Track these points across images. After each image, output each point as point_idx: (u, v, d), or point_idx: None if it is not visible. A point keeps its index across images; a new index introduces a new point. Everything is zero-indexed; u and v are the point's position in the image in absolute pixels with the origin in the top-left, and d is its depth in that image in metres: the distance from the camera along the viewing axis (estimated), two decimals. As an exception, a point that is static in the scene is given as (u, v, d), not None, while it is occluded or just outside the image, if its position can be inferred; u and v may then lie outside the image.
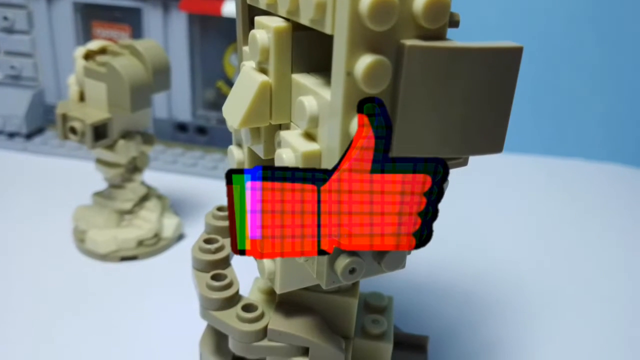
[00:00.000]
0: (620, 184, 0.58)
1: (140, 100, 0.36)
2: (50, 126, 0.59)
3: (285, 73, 0.22)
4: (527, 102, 0.61)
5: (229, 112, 0.23)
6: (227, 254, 0.28)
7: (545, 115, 0.64)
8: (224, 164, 0.55)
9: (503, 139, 0.21)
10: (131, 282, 0.38)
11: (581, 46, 0.61)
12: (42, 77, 0.57)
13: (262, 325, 0.26)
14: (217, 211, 0.30)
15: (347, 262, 0.22)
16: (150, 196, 0.42)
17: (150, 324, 0.34)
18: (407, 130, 0.19)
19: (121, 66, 0.35)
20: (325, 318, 0.27)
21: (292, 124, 0.23)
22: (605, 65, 0.61)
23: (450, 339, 0.34)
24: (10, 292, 0.36)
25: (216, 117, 0.56)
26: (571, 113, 0.64)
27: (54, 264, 0.39)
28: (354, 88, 0.18)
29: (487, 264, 0.42)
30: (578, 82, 0.62)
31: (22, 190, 0.49)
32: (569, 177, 0.59)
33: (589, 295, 0.40)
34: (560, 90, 0.63)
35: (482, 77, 0.19)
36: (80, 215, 0.41)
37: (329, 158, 0.20)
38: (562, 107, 0.63)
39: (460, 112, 0.19)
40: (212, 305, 0.26)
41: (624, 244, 0.47)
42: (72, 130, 0.36)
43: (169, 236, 0.41)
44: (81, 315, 0.34)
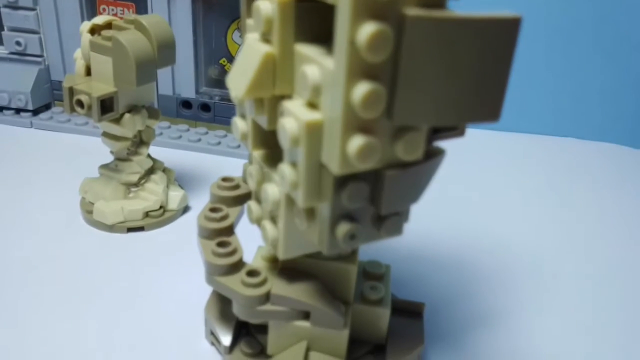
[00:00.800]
0: (616, 162, 0.59)
1: (145, 74, 0.37)
2: (56, 102, 0.60)
3: (289, 43, 0.22)
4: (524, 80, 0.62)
5: (233, 82, 0.24)
6: (232, 223, 0.29)
7: (542, 94, 0.64)
8: (227, 140, 0.55)
9: (500, 107, 0.21)
10: (138, 253, 0.39)
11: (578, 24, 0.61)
12: (48, 53, 0.58)
13: (265, 290, 0.27)
14: (222, 182, 0.31)
15: (347, 228, 0.22)
16: (156, 169, 0.43)
17: (156, 291, 0.35)
18: (408, 98, 0.20)
19: (127, 41, 0.35)
20: (325, 284, 0.28)
21: (295, 94, 0.23)
22: (601, 44, 0.61)
23: (446, 306, 0.35)
24: (18, 263, 0.37)
25: (219, 94, 0.56)
26: (567, 92, 0.64)
27: (62, 235, 0.40)
28: (357, 56, 0.19)
29: (483, 236, 0.43)
30: (574, 60, 0.63)
31: (29, 165, 0.50)
32: (565, 155, 0.60)
33: (585, 266, 0.41)
34: (557, 69, 0.63)
35: (482, 46, 0.20)
36: (88, 188, 0.42)
37: (332, 127, 0.20)
38: (558, 86, 0.64)
39: (459, 80, 0.20)
40: (217, 271, 0.27)
41: (619, 218, 0.48)
42: (79, 103, 0.37)
43: (174, 208, 0.42)
44: (89, 284, 0.35)
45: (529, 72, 0.62)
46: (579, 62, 0.62)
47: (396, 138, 0.21)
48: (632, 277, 0.40)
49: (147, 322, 0.33)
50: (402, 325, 0.31)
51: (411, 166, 0.22)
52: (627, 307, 0.37)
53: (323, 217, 0.23)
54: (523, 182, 0.53)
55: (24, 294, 0.34)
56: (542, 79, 0.63)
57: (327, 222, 0.23)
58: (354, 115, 0.20)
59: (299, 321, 0.27)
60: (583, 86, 0.63)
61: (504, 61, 0.21)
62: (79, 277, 0.36)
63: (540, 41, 0.60)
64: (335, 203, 0.22)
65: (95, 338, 0.31)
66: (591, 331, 0.34)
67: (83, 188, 0.42)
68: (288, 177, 0.22)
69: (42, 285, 0.35)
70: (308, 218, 0.23)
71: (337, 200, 0.22)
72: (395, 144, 0.21)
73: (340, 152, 0.20)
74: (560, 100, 0.64)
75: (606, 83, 0.63)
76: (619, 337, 0.34)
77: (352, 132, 0.20)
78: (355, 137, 0.20)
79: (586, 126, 0.64)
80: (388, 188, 0.22)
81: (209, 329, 0.31)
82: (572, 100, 0.64)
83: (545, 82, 0.64)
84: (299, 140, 0.21)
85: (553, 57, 0.62)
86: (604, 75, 0.63)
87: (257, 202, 0.27)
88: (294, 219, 0.24)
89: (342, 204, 0.22)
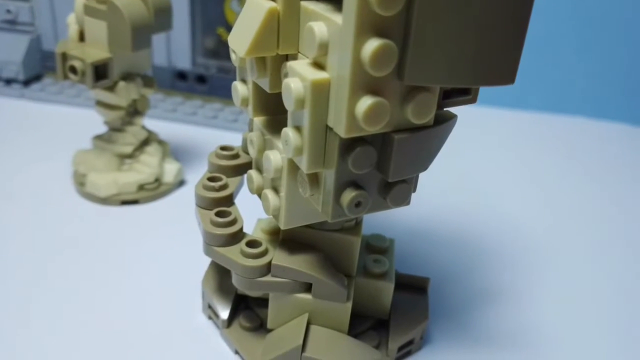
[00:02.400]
0: (626, 143, 0.58)
1: (141, 39, 0.35)
2: (48, 73, 0.58)
3: (294, 1, 0.21)
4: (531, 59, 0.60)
5: (235, 41, 0.23)
6: (231, 192, 0.28)
7: (548, 71, 0.63)
8: (223, 114, 0.54)
9: (515, 70, 0.20)
10: (132, 226, 0.38)
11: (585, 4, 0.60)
12: (39, 22, 0.56)
13: (266, 260, 0.26)
14: (220, 150, 0.30)
15: (353, 195, 0.22)
16: (151, 141, 0.41)
17: (152, 266, 0.34)
18: (420, 57, 0.19)
19: (122, 4, 0.34)
20: (328, 256, 0.27)
21: (300, 54, 0.22)
22: (609, 23, 0.60)
23: (451, 282, 0.35)
24: (10, 236, 0.36)
25: (216, 66, 0.55)
26: (574, 70, 0.63)
27: (55, 207, 0.39)
28: (367, 9, 0.18)
29: (488, 213, 0.43)
30: (581, 39, 0.61)
31: (21, 137, 0.48)
32: (571, 134, 0.59)
33: (591, 243, 0.40)
34: (564, 47, 0.62)
35: (497, 3, 0.19)
36: (80, 159, 0.41)
37: (339, 86, 0.19)
38: (564, 64, 0.63)
39: (473, 40, 0.19)
40: (216, 241, 0.26)
41: (628, 198, 0.47)
42: (72, 69, 0.35)
43: (170, 181, 0.41)
44: (82, 257, 0.34)
45: (539, 48, 0.60)
46: (591, 37, 0.61)
47: (406, 100, 0.20)
48: (636, 254, 0.39)
49: (141, 296, 0.32)
50: (406, 300, 0.30)
51: (421, 130, 0.21)
52: (632, 283, 0.36)
53: (328, 183, 0.22)
54: (529, 160, 0.52)
55: (12, 266, 0.33)
56: (551, 55, 0.62)
57: (332, 189, 0.22)
58: (363, 73, 0.19)
59: (301, 293, 0.27)
60: (595, 63, 0.62)
61: (520, 19, 0.20)
62: (71, 251, 0.35)
63: (547, 18, 0.58)
64: (340, 169, 0.21)
65: (88, 312, 0.30)
66: (595, 306, 0.34)
67: (76, 160, 0.41)
68: (292, 142, 0.21)
69: (34, 259, 0.34)
70: (312, 185, 0.22)
71: (343, 165, 0.21)
72: (405, 107, 0.20)
73: (347, 113, 0.19)
74: (570, 78, 0.63)
75: (620, 60, 0.62)
76: (623, 311, 0.34)
77: (361, 92, 0.19)
78: (364, 97, 0.19)
79: (596, 105, 0.63)
80: (397, 153, 0.21)
81: (206, 303, 0.30)
82: (583, 77, 0.63)
83: (555, 58, 0.62)
84: (304, 101, 0.20)
85: (563, 31, 0.61)
86: (617, 53, 0.61)
87: (257, 171, 0.26)
88: (297, 186, 0.23)
89: (347, 169, 0.21)
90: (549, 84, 0.63)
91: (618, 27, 0.61)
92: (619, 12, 0.60)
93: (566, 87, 0.64)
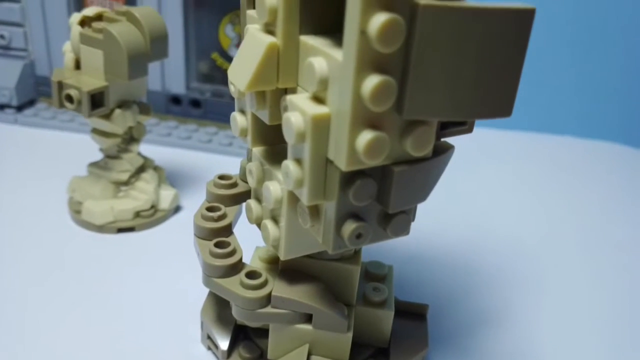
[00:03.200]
0: (616, 161, 0.59)
1: (137, 68, 0.35)
2: (41, 98, 0.58)
3: (294, 34, 0.21)
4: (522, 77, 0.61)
5: (235, 75, 0.23)
6: (230, 222, 0.28)
7: (540, 91, 0.64)
8: (218, 137, 0.54)
9: (512, 103, 0.21)
10: (129, 253, 0.37)
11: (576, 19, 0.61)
12: (33, 47, 0.56)
13: (266, 292, 0.26)
14: (218, 179, 0.30)
15: (354, 227, 0.22)
16: (147, 167, 0.41)
17: (149, 294, 0.34)
18: (419, 91, 0.19)
19: (118, 33, 0.34)
20: (327, 285, 0.27)
21: (300, 88, 0.22)
22: (599, 40, 0.61)
23: (450, 307, 0.34)
24: (5, 264, 0.35)
25: (210, 90, 0.55)
26: (566, 89, 0.64)
27: (50, 235, 0.39)
28: (367, 47, 0.18)
29: (485, 235, 0.43)
30: (574, 57, 0.62)
31: (14, 163, 0.48)
32: (564, 154, 0.59)
33: (590, 265, 0.40)
34: (551, 67, 0.63)
35: (495, 38, 0.19)
36: (76, 186, 0.40)
37: (339, 121, 0.19)
38: (557, 83, 0.64)
39: (471, 74, 0.19)
40: (216, 273, 0.26)
41: (623, 218, 0.47)
42: (68, 98, 0.35)
43: (166, 208, 0.41)
44: (78, 287, 0.34)
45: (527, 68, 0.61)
46: (579, 58, 0.62)
47: (405, 133, 0.20)
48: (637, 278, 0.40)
49: (139, 326, 0.32)
50: (405, 327, 0.30)
51: (420, 162, 0.21)
52: (629, 301, 0.37)
53: (328, 215, 0.22)
54: (522, 180, 0.53)
55: (9, 297, 0.33)
56: (540, 76, 0.63)
57: (333, 221, 0.22)
58: (363, 109, 0.19)
59: (301, 324, 0.26)
60: (582, 84, 0.63)
61: (517, 54, 0.20)
62: (67, 280, 0.34)
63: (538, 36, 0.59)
64: (341, 201, 0.21)
65: (84, 343, 0.30)
66: (597, 331, 0.34)
67: (71, 187, 0.41)
68: (293, 174, 0.21)
69: (28, 288, 0.34)
70: (312, 216, 0.22)
71: (344, 197, 0.21)
72: (404, 140, 0.20)
73: (348, 147, 0.19)
74: (559, 98, 0.64)
75: (605, 80, 0.63)
76: (624, 336, 0.34)
77: (361, 126, 0.19)
78: (364, 131, 0.19)
79: (585, 124, 0.63)
80: (396, 185, 0.21)
81: (205, 333, 0.30)
82: (571, 97, 0.64)
83: (544, 79, 0.63)
84: (304, 135, 0.20)
85: (552, 53, 0.62)
86: (603, 73, 0.62)
87: (257, 201, 0.26)
88: (297, 217, 0.23)
89: (348, 201, 0.21)
90: (537, 105, 0.64)
91: (605, 48, 0.62)
92: (607, 33, 0.61)
93: (554, 107, 0.64)
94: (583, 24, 0.61)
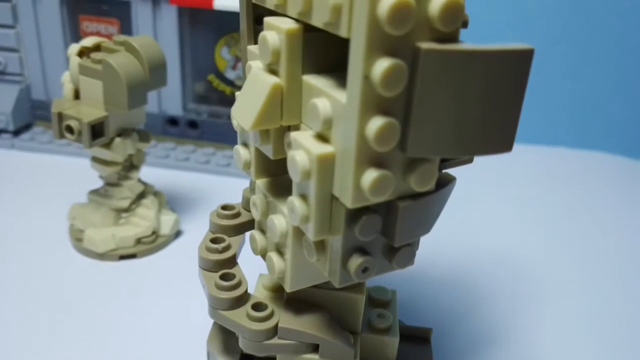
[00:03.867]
0: (610, 172, 0.60)
1: (137, 97, 0.36)
2: (37, 122, 0.58)
3: (297, 74, 0.22)
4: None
5: (239, 114, 0.23)
6: (234, 253, 0.28)
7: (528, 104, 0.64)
8: (216, 158, 0.54)
9: (513, 139, 0.21)
10: (131, 281, 0.38)
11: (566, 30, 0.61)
12: (29, 72, 0.56)
13: (272, 323, 0.26)
14: (221, 210, 0.30)
15: (360, 261, 0.22)
16: (147, 193, 0.42)
17: (154, 323, 0.34)
18: (422, 131, 0.19)
19: (118, 63, 0.34)
20: (332, 314, 0.27)
21: (303, 125, 0.23)
22: (591, 51, 0.62)
23: (452, 329, 0.35)
24: (7, 294, 0.36)
25: (207, 111, 0.55)
26: (558, 100, 0.65)
27: (52, 264, 0.39)
28: (371, 91, 0.18)
29: (483, 254, 0.43)
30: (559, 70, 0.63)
31: (12, 188, 0.48)
32: (557, 165, 0.60)
33: (593, 280, 0.41)
34: (542, 78, 0.64)
35: (495, 79, 0.19)
36: (76, 214, 0.41)
37: (344, 159, 0.20)
38: (545, 95, 0.64)
39: (473, 113, 0.20)
40: (222, 305, 0.26)
41: (620, 229, 0.48)
42: (69, 129, 0.36)
43: (167, 233, 0.41)
44: (82, 315, 0.34)
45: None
46: (571, 69, 0.63)
47: (409, 170, 0.21)
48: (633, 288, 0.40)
49: (144, 354, 0.32)
50: (409, 352, 0.30)
51: (424, 196, 0.22)
52: (630, 316, 0.37)
53: (334, 250, 0.22)
54: (518, 194, 0.53)
55: (10, 325, 0.33)
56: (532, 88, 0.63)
57: (339, 255, 0.22)
58: (368, 148, 0.19)
59: (308, 354, 0.27)
60: (574, 94, 0.64)
61: (516, 92, 0.20)
62: (70, 309, 0.35)
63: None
64: (347, 236, 0.22)
65: (92, 375, 0.30)
66: (599, 343, 0.34)
67: (71, 214, 0.41)
68: (298, 211, 0.21)
69: (31, 318, 0.34)
70: (318, 250, 0.23)
71: (350, 233, 0.21)
72: (408, 176, 0.21)
73: (353, 185, 0.20)
74: (550, 109, 0.65)
75: (598, 91, 0.64)
76: (626, 348, 0.34)
77: (366, 165, 0.20)
78: (369, 170, 0.20)
79: (577, 135, 0.64)
80: (401, 220, 0.21)
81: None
82: (563, 108, 0.65)
83: (536, 91, 0.64)
84: (310, 174, 0.20)
85: (543, 64, 0.63)
86: (596, 83, 0.63)
87: (261, 232, 0.27)
88: (303, 249, 0.24)
89: (354, 236, 0.21)
90: (530, 117, 0.65)
91: (597, 58, 0.63)
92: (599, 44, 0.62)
93: (547, 119, 0.65)
94: (576, 35, 0.62)
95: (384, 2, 0.17)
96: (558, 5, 0.60)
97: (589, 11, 0.61)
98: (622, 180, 0.58)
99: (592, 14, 0.61)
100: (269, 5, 0.23)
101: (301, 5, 0.20)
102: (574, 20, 0.61)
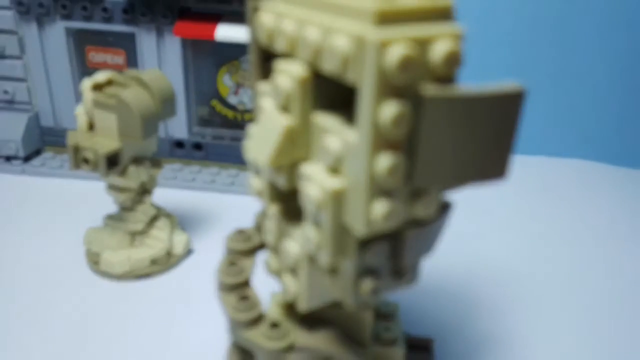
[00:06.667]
0: (591, 179, 0.61)
1: (149, 128, 0.38)
2: (47, 148, 0.60)
3: (308, 115, 0.24)
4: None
5: (253, 152, 0.25)
6: (249, 275, 0.30)
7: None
8: (221, 177, 0.56)
9: (507, 167, 0.23)
10: (148, 301, 0.39)
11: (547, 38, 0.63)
12: (37, 100, 0.58)
13: (288, 341, 0.28)
14: (236, 235, 0.32)
15: (371, 285, 0.24)
16: (160, 215, 0.43)
17: (172, 342, 0.36)
18: (427, 165, 0.21)
19: (130, 99, 0.36)
20: (343, 329, 0.29)
21: (314, 159, 0.25)
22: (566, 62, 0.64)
23: (453, 338, 0.37)
24: (30, 318, 0.37)
25: (211, 134, 0.57)
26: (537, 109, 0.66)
27: (70, 287, 0.40)
28: (379, 132, 0.20)
29: (479, 265, 0.45)
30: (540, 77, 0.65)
31: (26, 214, 0.50)
32: (538, 174, 0.62)
33: (588, 288, 0.42)
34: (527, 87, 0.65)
35: (491, 117, 0.21)
36: (92, 238, 0.42)
37: (355, 192, 0.22)
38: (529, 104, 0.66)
39: (472, 147, 0.22)
40: (241, 326, 0.28)
41: (608, 236, 0.50)
42: (85, 160, 0.37)
43: (179, 252, 0.43)
44: (101, 336, 0.36)
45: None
46: (549, 79, 0.65)
47: (415, 199, 0.23)
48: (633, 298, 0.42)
49: (166, 373, 0.33)
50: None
51: (428, 223, 0.24)
52: (625, 322, 0.39)
53: (347, 273, 0.24)
54: (506, 205, 0.55)
55: (33, 348, 0.34)
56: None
57: (351, 279, 0.24)
58: (377, 182, 0.21)
59: (323, 369, 0.28)
60: (553, 103, 0.66)
61: (510, 126, 0.22)
62: (90, 330, 0.36)
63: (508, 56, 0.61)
64: (358, 261, 0.23)
65: (117, 394, 0.32)
66: (596, 350, 0.36)
67: (87, 238, 0.43)
68: (313, 239, 0.23)
69: (52, 341, 0.35)
70: (331, 275, 0.25)
71: (361, 258, 0.23)
72: (414, 205, 0.23)
73: (364, 216, 0.22)
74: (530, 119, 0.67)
75: (576, 99, 0.65)
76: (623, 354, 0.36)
77: (375, 197, 0.22)
78: (379, 201, 0.22)
79: (556, 143, 0.66)
80: (409, 246, 0.23)
81: (231, 380, 0.32)
82: (542, 117, 0.66)
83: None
84: (323, 207, 0.22)
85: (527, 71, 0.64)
86: (573, 92, 0.65)
87: (274, 255, 0.28)
88: (316, 272, 0.25)
89: (365, 262, 0.23)
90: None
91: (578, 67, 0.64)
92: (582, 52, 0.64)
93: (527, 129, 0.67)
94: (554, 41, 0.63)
95: (392, 54, 0.19)
96: (536, 17, 0.62)
97: (567, 21, 0.62)
98: (604, 186, 0.60)
99: (570, 23, 0.62)
100: (278, 50, 0.25)
101: (310, 53, 0.22)
102: (558, 27, 0.62)
